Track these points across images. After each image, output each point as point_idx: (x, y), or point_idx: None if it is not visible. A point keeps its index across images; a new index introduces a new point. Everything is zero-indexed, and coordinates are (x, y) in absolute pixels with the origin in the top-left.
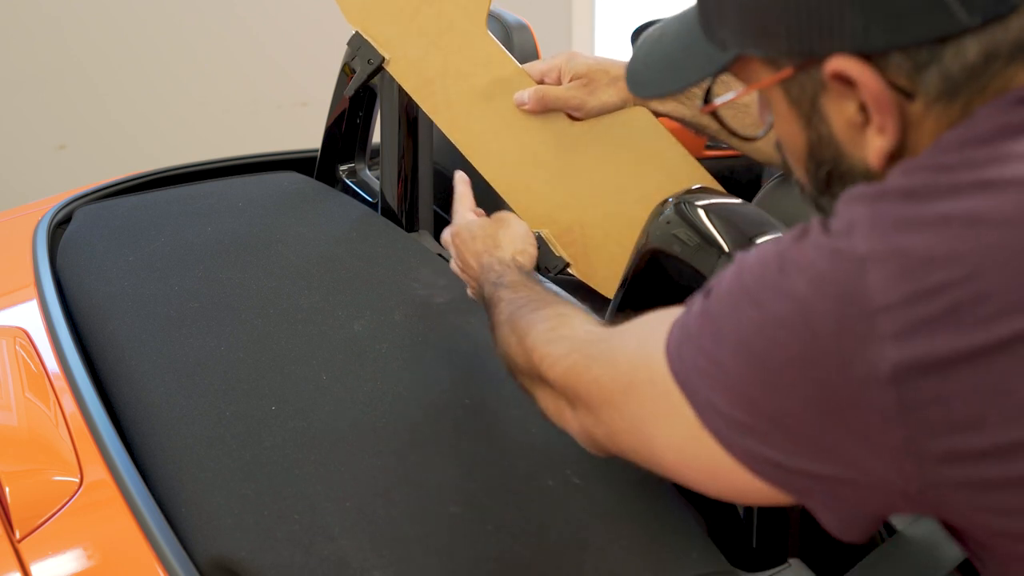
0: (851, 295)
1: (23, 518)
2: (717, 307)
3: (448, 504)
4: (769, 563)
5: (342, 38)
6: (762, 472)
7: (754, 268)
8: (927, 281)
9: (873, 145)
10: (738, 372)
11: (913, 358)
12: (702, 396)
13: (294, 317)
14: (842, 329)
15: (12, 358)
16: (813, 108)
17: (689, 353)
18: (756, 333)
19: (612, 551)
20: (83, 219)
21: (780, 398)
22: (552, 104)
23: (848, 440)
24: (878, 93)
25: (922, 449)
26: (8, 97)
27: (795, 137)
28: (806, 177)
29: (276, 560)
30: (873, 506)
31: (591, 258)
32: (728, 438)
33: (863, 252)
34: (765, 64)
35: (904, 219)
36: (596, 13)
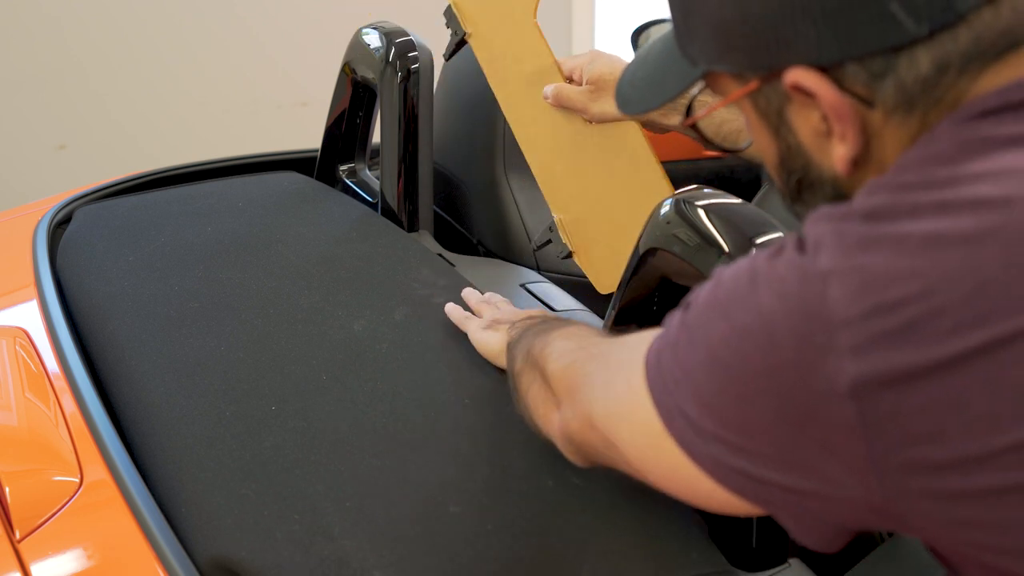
0: (813, 309)
1: (23, 518)
2: (693, 319)
3: (448, 504)
4: (769, 563)
5: (342, 38)
6: (727, 481)
7: (728, 282)
8: (885, 297)
9: (837, 153)
10: (707, 383)
11: (871, 372)
12: (671, 403)
13: (294, 317)
14: (803, 343)
15: (12, 358)
16: (780, 119)
17: (666, 361)
18: (724, 345)
19: (612, 551)
20: (83, 219)
21: (746, 409)
22: (564, 103)
23: (811, 452)
24: (835, 103)
25: (883, 461)
26: (8, 97)
27: (767, 147)
28: (782, 185)
29: (276, 560)
30: (839, 517)
31: (591, 252)
32: (693, 446)
33: (826, 269)
34: (733, 78)
35: (866, 238)
36: (596, 13)
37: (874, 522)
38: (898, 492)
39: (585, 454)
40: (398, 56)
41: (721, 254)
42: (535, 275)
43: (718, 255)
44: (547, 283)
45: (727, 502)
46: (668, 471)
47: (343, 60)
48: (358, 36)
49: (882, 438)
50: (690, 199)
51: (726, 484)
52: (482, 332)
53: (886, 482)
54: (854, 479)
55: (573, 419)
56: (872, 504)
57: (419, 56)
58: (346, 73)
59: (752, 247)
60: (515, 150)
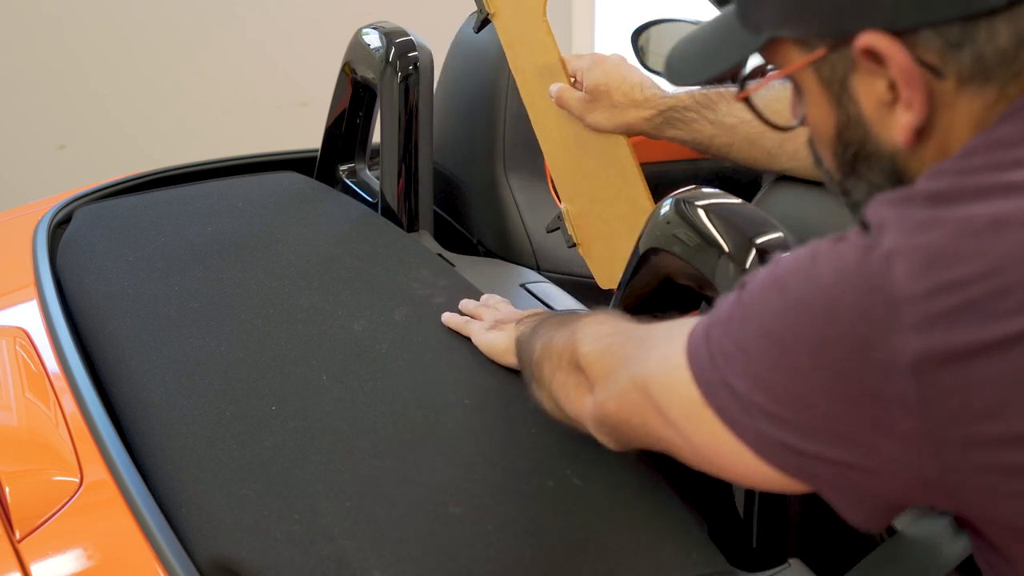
0: (876, 286)
1: (23, 518)
2: (748, 296)
3: (448, 504)
4: (769, 563)
5: (342, 38)
6: (770, 456)
7: (786, 262)
8: (949, 275)
9: (900, 122)
10: (760, 355)
11: (933, 349)
12: (716, 377)
13: (294, 317)
14: (863, 317)
15: (12, 358)
16: (843, 88)
17: (716, 336)
18: (780, 318)
19: (612, 551)
20: (83, 219)
21: (799, 382)
22: (564, 107)
23: (865, 426)
24: (906, 68)
25: (941, 436)
26: (8, 97)
27: (825, 119)
28: (833, 160)
29: (276, 560)
30: (888, 493)
31: (592, 246)
32: (736, 420)
33: (889, 248)
34: (797, 46)
35: (930, 219)
36: (596, 13)
37: (923, 497)
38: (954, 467)
39: (619, 435)
40: (398, 56)
41: (721, 254)
42: (535, 275)
43: (718, 255)
44: (547, 283)
45: (769, 478)
46: (709, 446)
47: (343, 60)
48: (358, 36)
49: (940, 414)
50: (690, 199)
51: (770, 459)
52: (486, 333)
53: (942, 457)
54: (907, 454)
55: (609, 399)
56: (925, 478)
57: (419, 56)
58: (346, 73)
59: (752, 247)
60: (515, 150)
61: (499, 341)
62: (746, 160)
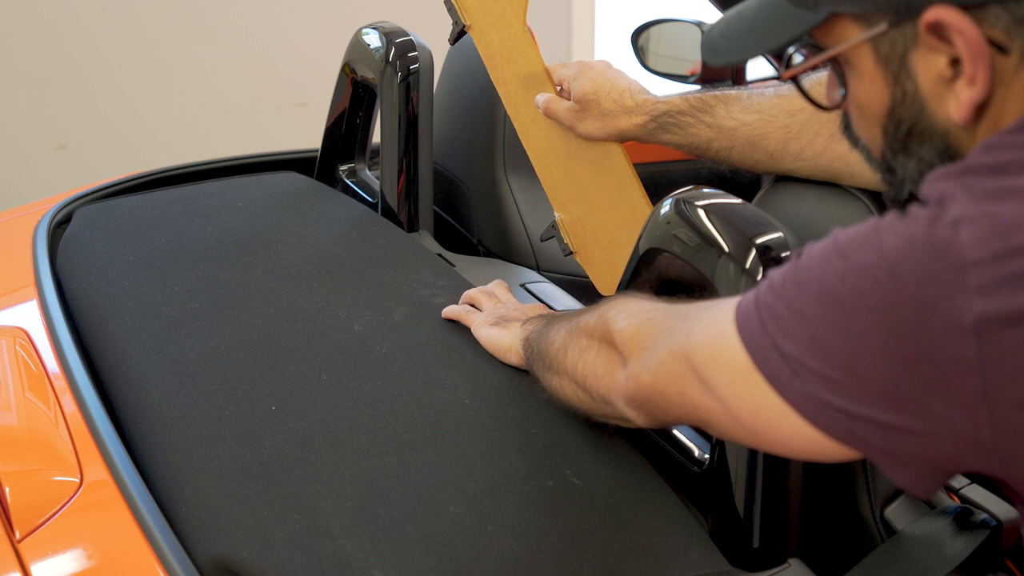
0: (942, 250)
1: (23, 518)
2: (806, 263)
3: (448, 504)
4: (769, 563)
5: (342, 38)
6: (818, 419)
7: (849, 233)
8: (1015, 241)
9: (962, 97)
10: (816, 318)
11: (997, 310)
12: (765, 341)
13: (294, 317)
14: (928, 279)
15: (12, 358)
16: (902, 64)
17: (767, 301)
18: (839, 280)
19: (612, 551)
20: (83, 219)
21: (854, 344)
22: (552, 117)
23: (921, 387)
24: (974, 42)
25: (998, 396)
26: (8, 97)
27: (877, 96)
28: (882, 138)
29: (276, 560)
30: (939, 456)
31: (590, 253)
32: (785, 383)
33: (956, 215)
34: (856, 22)
35: (994, 189)
36: (596, 13)
37: (974, 461)
38: (1010, 427)
39: (651, 408)
40: (398, 56)
41: (721, 254)
42: (535, 275)
43: (718, 255)
44: (547, 283)
45: (813, 442)
46: (752, 412)
47: (343, 60)
48: (358, 36)
49: (999, 374)
50: (690, 199)
51: (817, 422)
52: (487, 328)
53: (998, 418)
54: (962, 415)
55: (645, 371)
56: (979, 441)
57: (419, 56)
58: (346, 73)
59: (752, 247)
60: (515, 150)
61: (501, 339)
62: (747, 163)
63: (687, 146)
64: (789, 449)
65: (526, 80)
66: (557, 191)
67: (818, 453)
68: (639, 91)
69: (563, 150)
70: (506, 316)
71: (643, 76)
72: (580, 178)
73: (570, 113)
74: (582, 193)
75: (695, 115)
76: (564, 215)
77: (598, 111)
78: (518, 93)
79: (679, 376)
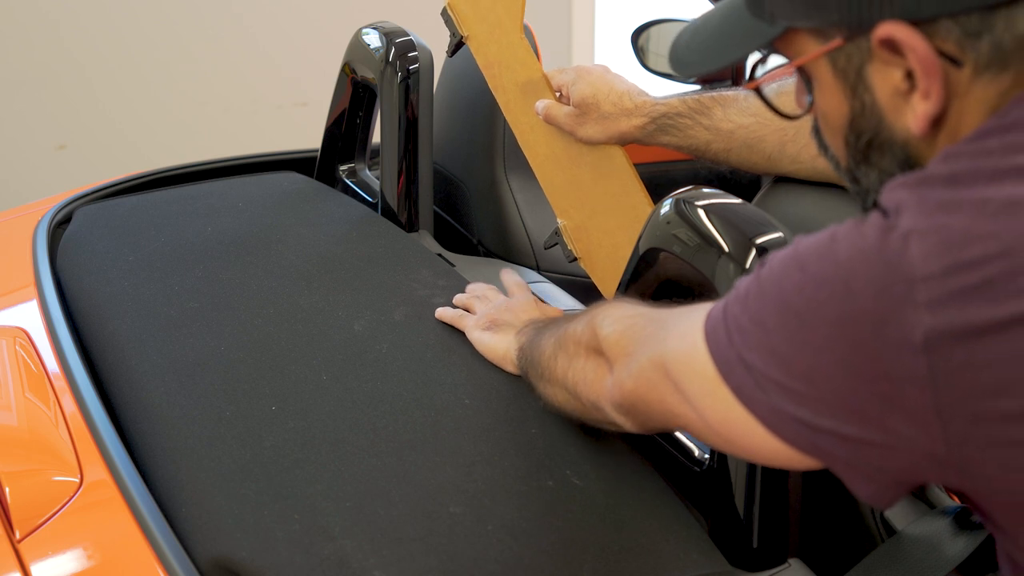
0: (893, 263)
1: (23, 518)
2: (767, 273)
3: (448, 504)
4: (769, 563)
5: (342, 38)
6: (782, 430)
7: (808, 242)
8: (965, 255)
9: (917, 110)
10: (776, 330)
11: (946, 326)
12: (731, 354)
13: (294, 317)
14: (881, 293)
15: (12, 358)
16: (859, 77)
17: (733, 313)
18: (797, 293)
19: (612, 551)
20: (83, 219)
21: (814, 357)
22: (552, 123)
23: (877, 401)
24: (926, 58)
25: (951, 412)
26: (8, 97)
27: (837, 108)
28: (844, 149)
29: (276, 560)
30: (898, 469)
31: (594, 258)
32: (750, 396)
33: (908, 227)
34: (813, 36)
35: (947, 201)
36: (596, 13)
37: (932, 473)
38: (963, 442)
39: (638, 415)
40: (398, 56)
41: (721, 254)
42: (535, 275)
43: (718, 255)
44: (547, 283)
45: (779, 453)
46: (722, 420)
47: (343, 60)
48: (358, 36)
49: (950, 390)
50: (690, 199)
51: (781, 434)
52: (481, 333)
53: (951, 433)
54: (917, 429)
55: (628, 378)
56: (934, 454)
57: (419, 56)
58: (346, 73)
59: (752, 247)
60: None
61: (495, 345)
62: (745, 165)
63: (686, 148)
64: (759, 458)
65: (525, 87)
66: (559, 197)
67: (787, 463)
68: (638, 93)
69: (564, 156)
70: (497, 320)
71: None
72: (582, 183)
73: (570, 118)
74: (584, 198)
75: (693, 117)
76: (567, 221)
77: (598, 114)
78: (517, 101)
79: (657, 384)
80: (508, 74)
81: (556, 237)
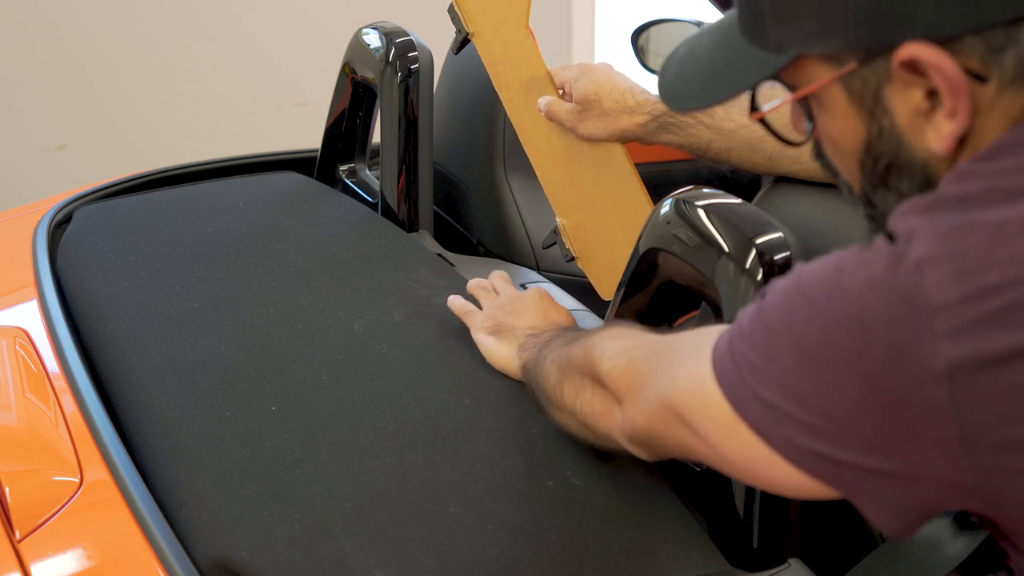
0: (907, 295)
1: (23, 518)
2: (771, 307)
3: (448, 504)
4: (769, 563)
5: (342, 38)
6: (805, 465)
7: (811, 271)
8: (984, 281)
9: (942, 131)
10: (790, 367)
11: (968, 355)
12: (744, 390)
13: (294, 317)
14: (896, 327)
15: (12, 358)
16: (876, 101)
17: (740, 348)
18: (807, 329)
19: (612, 551)
20: (83, 219)
21: (831, 394)
22: (554, 119)
23: (900, 434)
24: (953, 77)
25: (975, 441)
26: (8, 97)
27: (852, 133)
28: (859, 173)
29: (276, 560)
30: (922, 500)
31: (592, 258)
32: (768, 431)
33: (920, 256)
34: (824, 62)
35: (960, 225)
36: (596, 13)
37: (957, 502)
38: (989, 471)
39: (652, 448)
40: (398, 56)
41: (721, 254)
42: (535, 275)
43: (718, 255)
44: (547, 283)
45: (804, 485)
46: (743, 457)
47: (343, 60)
48: (358, 36)
49: (975, 419)
50: (690, 199)
51: (804, 467)
52: (485, 336)
53: (977, 462)
54: (942, 460)
55: (639, 415)
56: (960, 484)
57: (419, 56)
58: (346, 73)
59: (752, 247)
60: (515, 150)
61: (497, 352)
62: (746, 165)
63: (687, 146)
64: (783, 490)
65: (528, 85)
66: (559, 196)
67: (815, 494)
68: (640, 92)
69: (565, 154)
70: (502, 324)
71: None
72: (581, 182)
73: (572, 114)
74: (584, 196)
75: (694, 116)
76: (566, 220)
77: (599, 111)
78: (520, 98)
79: (670, 423)
80: (512, 71)
81: (554, 236)
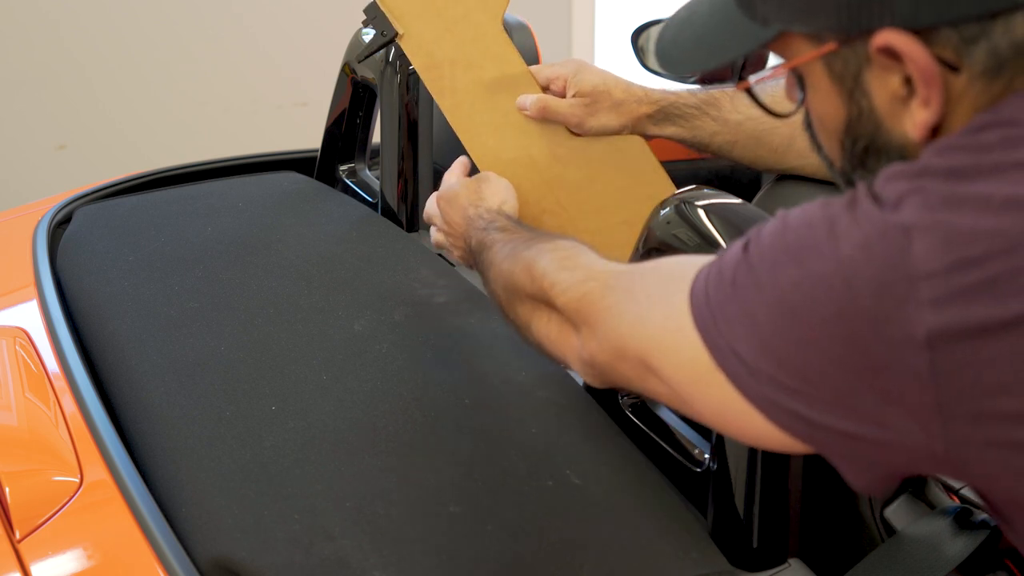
0: (895, 261)
1: (23, 518)
2: (757, 260)
3: (448, 504)
4: (769, 563)
5: (342, 38)
6: (781, 421)
7: (800, 228)
8: (969, 252)
9: (916, 118)
10: (771, 326)
11: (949, 324)
12: (722, 340)
13: (294, 317)
14: (882, 292)
15: (12, 358)
16: (856, 83)
17: (718, 298)
18: (794, 289)
19: (612, 551)
20: (83, 219)
21: (811, 355)
22: (552, 116)
23: (877, 399)
24: (926, 67)
25: (951, 410)
26: (8, 97)
27: (833, 112)
28: (839, 152)
29: (276, 560)
30: (896, 463)
31: None
32: (746, 384)
33: (909, 223)
34: (808, 40)
35: (950, 196)
36: (596, 13)
37: (929, 469)
38: (963, 440)
39: (612, 382)
40: (398, 56)
41: None
42: None
43: None
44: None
45: (777, 439)
46: (717, 407)
47: (343, 60)
48: (358, 36)
49: (952, 388)
50: (690, 199)
51: (779, 423)
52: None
53: (951, 431)
54: (916, 427)
55: (600, 352)
56: (932, 452)
57: None
58: (346, 73)
59: None
60: None
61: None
62: (751, 159)
63: (690, 139)
64: (755, 442)
65: (496, 85)
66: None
67: (786, 448)
68: (639, 85)
69: (547, 156)
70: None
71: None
72: (568, 184)
73: (577, 107)
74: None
75: (700, 107)
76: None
77: (610, 102)
78: (479, 102)
79: (636, 366)
80: (468, 72)
81: None
